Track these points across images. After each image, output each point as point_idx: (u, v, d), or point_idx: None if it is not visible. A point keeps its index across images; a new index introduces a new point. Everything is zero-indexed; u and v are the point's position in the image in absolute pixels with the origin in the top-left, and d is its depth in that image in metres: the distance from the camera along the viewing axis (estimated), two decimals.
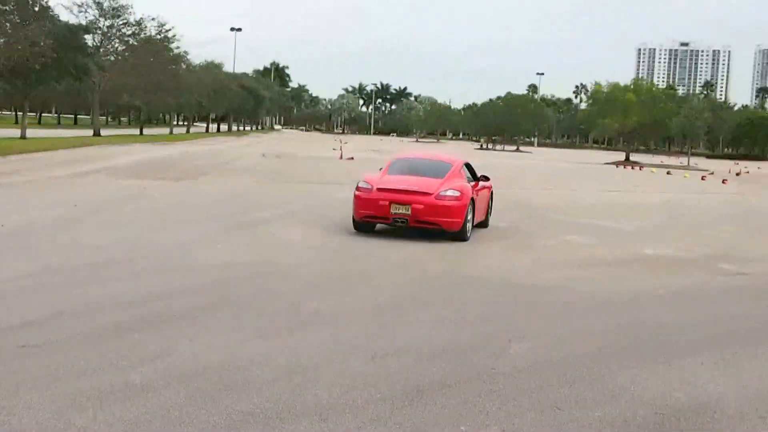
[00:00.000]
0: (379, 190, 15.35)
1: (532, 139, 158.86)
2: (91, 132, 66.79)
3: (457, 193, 15.24)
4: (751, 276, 13.21)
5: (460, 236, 15.23)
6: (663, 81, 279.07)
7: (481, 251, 14.41)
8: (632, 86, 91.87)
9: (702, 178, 51.40)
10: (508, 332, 8.28)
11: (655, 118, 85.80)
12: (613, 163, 77.70)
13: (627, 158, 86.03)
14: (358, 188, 15.70)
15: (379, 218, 15.40)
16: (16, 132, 52.94)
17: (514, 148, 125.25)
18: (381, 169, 17.20)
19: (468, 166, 17.44)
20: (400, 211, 14.99)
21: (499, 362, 7.16)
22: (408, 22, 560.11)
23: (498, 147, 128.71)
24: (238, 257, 12.03)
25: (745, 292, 11.58)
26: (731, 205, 30.10)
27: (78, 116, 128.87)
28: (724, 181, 48.02)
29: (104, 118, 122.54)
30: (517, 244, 15.57)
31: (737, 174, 62.58)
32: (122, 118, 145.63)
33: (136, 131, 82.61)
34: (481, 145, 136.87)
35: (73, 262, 10.91)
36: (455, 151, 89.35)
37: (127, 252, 11.87)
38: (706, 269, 13.59)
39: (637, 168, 68.61)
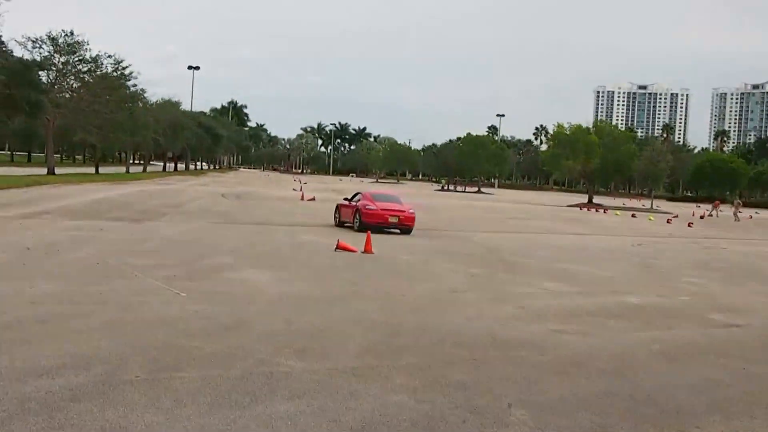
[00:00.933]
0: (380, 209, 26.86)
1: (493, 181, 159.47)
2: (45, 170, 65.14)
3: (413, 210, 28.14)
4: (745, 328, 12.65)
5: (410, 232, 27.16)
6: (622, 123, 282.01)
7: (456, 300, 13.68)
8: (594, 128, 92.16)
9: (668, 221, 51.46)
10: (503, 396, 7.56)
11: (617, 159, 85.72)
12: (576, 206, 77.67)
13: (590, 200, 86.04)
14: (366, 208, 26.84)
15: (381, 223, 26.36)
16: None
17: (476, 189, 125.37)
18: (351, 199, 28.94)
19: None
20: (393, 219, 26.87)
21: None
22: (367, 63, 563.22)
23: (459, 188, 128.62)
24: (201, 308, 11.11)
25: (746, 348, 10.96)
26: (701, 249, 29.81)
27: (32, 153, 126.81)
28: (689, 225, 48.12)
29: (59, 155, 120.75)
30: (495, 293, 14.84)
31: (701, 217, 62.94)
32: (77, 156, 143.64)
33: (92, 169, 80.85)
34: (443, 186, 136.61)
35: (21, 315, 9.88)
36: (417, 193, 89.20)
37: (80, 303, 10.91)
38: (696, 320, 13.02)
39: (601, 210, 68.63)
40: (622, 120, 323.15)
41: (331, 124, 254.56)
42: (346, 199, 29.73)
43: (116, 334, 9.14)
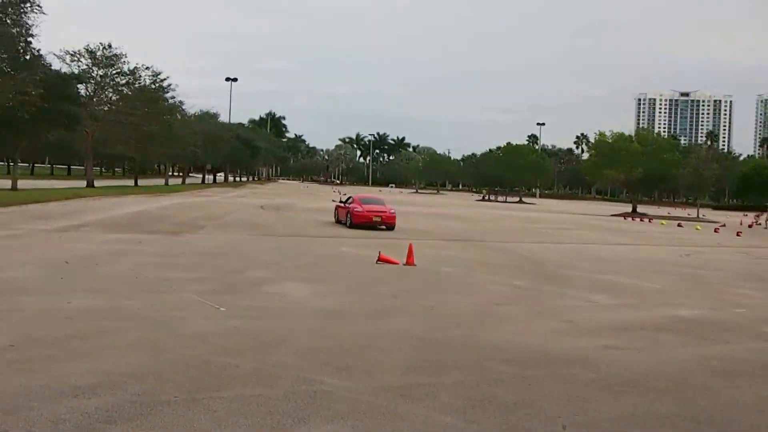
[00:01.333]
0: (366, 211, 32.92)
1: (534, 190, 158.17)
2: (84, 183, 65.66)
3: (394, 211, 34.27)
4: None
5: (393, 228, 32.58)
6: (664, 131, 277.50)
7: (501, 314, 13.25)
8: (636, 136, 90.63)
9: (715, 231, 50.41)
10: (556, 417, 7.21)
11: (660, 168, 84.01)
12: (620, 215, 76.45)
13: (634, 210, 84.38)
14: (354, 210, 33.09)
15: (367, 222, 32.37)
16: (6, 183, 51.77)
17: (517, 199, 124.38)
18: (345, 202, 36.00)
19: None
20: (377, 219, 32.55)
21: None
22: (406, 74, 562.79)
23: (500, 198, 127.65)
24: (239, 323, 10.85)
25: None
26: (752, 259, 29.03)
27: (71, 166, 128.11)
28: (738, 234, 47.13)
29: (98, 168, 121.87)
30: (541, 307, 14.38)
31: (749, 226, 61.73)
32: (116, 169, 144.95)
33: (131, 182, 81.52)
34: (483, 196, 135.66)
35: (57, 331, 9.67)
36: (457, 203, 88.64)
37: (117, 319, 10.68)
38: (753, 335, 12.50)
39: (645, 220, 67.47)
40: (664, 128, 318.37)
41: (370, 134, 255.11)
42: (341, 202, 37.11)
43: (153, 351, 8.90)
